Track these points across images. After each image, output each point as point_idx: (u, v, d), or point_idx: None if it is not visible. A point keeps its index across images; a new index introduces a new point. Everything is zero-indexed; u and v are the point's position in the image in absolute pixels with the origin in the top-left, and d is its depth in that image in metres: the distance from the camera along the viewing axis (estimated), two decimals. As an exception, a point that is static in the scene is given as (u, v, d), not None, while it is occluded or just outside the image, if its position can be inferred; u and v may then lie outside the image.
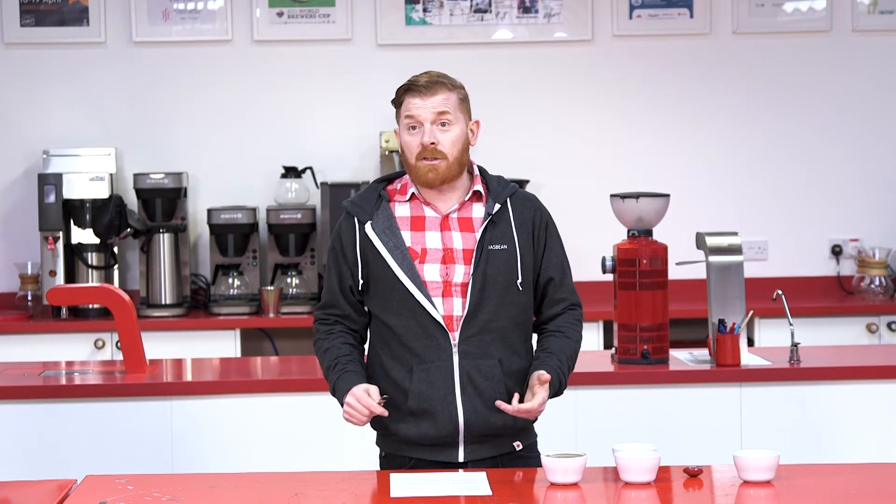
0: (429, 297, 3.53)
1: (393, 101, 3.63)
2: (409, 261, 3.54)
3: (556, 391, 3.57)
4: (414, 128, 3.56)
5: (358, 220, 3.60)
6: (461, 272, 3.55)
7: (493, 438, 3.57)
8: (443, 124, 3.56)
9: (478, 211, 3.61)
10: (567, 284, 3.66)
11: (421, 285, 3.53)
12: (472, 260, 3.54)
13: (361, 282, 3.60)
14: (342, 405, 3.55)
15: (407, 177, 3.65)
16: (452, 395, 3.53)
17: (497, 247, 3.57)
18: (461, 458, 3.56)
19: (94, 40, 6.85)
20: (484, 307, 3.54)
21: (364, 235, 3.59)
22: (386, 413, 3.51)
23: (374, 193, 3.63)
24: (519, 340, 3.60)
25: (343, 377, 3.57)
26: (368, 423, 3.63)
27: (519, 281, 3.57)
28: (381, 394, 3.53)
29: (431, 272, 3.55)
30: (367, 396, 3.50)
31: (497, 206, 3.59)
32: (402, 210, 3.61)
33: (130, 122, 6.88)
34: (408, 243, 3.56)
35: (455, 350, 3.53)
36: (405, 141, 3.58)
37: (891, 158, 7.03)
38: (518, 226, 3.60)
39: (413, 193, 3.61)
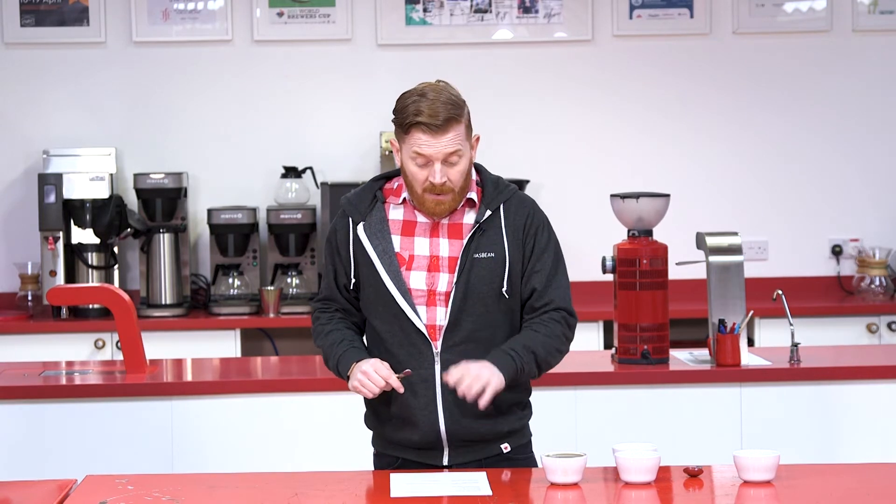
0: (413, 306, 3.49)
1: (396, 121, 3.49)
2: (395, 267, 3.50)
3: (511, 376, 3.45)
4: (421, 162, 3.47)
5: (352, 219, 3.58)
6: (445, 281, 3.50)
7: (478, 443, 3.55)
8: (452, 159, 3.47)
9: (469, 217, 3.54)
10: (553, 290, 3.54)
11: (406, 293, 3.49)
12: (456, 269, 3.49)
13: (353, 280, 3.58)
14: (347, 377, 3.51)
15: (405, 178, 3.62)
16: (433, 405, 3.50)
17: (483, 255, 3.50)
18: (446, 462, 3.54)
19: (94, 40, 6.85)
20: (466, 317, 3.50)
21: (356, 236, 3.56)
22: (402, 389, 3.46)
23: (370, 193, 3.59)
24: None
25: (350, 351, 3.54)
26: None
27: (504, 289, 3.51)
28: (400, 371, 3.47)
29: (417, 280, 3.51)
30: (385, 368, 3.45)
31: (487, 213, 3.52)
32: (395, 213, 3.57)
33: (130, 122, 6.88)
34: (396, 248, 3.52)
35: (437, 359, 3.50)
36: (411, 171, 3.47)
37: (891, 158, 7.03)
38: (508, 232, 3.53)
39: (405, 198, 3.56)
